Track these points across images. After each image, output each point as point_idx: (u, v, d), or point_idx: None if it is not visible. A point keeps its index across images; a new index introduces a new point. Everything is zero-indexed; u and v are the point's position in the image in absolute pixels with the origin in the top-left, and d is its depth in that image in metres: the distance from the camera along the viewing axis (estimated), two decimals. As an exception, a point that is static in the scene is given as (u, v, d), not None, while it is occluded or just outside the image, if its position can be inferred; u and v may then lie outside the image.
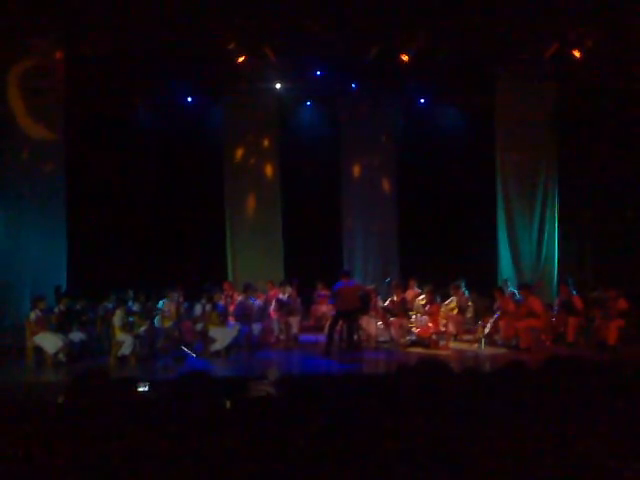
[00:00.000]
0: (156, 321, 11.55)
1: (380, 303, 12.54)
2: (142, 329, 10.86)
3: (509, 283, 13.74)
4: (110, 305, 11.70)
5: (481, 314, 12.07)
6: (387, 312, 12.29)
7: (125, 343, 10.48)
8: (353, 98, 15.75)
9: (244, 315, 12.01)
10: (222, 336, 11.23)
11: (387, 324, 12.22)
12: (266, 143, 15.86)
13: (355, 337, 11.62)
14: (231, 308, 12.24)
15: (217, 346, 11.18)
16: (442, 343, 11.83)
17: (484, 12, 11.82)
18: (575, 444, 3.58)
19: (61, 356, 10.59)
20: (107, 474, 3.32)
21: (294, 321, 12.64)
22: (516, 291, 12.61)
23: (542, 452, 3.48)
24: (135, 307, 11.70)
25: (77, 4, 11.46)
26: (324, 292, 13.53)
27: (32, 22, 12.16)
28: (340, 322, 11.50)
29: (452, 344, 11.94)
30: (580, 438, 3.65)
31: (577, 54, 13.08)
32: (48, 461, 3.43)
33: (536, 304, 11.39)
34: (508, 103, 15.04)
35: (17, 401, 6.67)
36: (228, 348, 11.28)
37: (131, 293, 12.18)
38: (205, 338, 11.34)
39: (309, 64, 14.30)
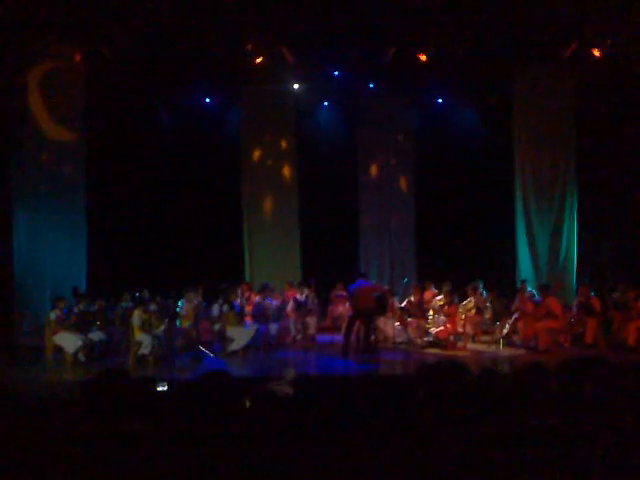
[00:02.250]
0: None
1: (397, 304, 12.50)
2: (161, 329, 10.91)
3: (527, 284, 13.64)
4: (128, 305, 11.78)
5: (499, 315, 12.00)
6: (404, 313, 12.26)
7: (144, 343, 10.53)
8: (370, 98, 15.71)
9: (261, 315, 12.06)
10: (240, 336, 11.28)
11: (404, 325, 12.20)
12: (283, 143, 15.87)
13: (372, 338, 11.61)
14: (248, 308, 12.27)
15: (235, 346, 11.23)
16: (460, 344, 11.77)
17: (502, 10, 11.77)
18: (595, 446, 3.55)
19: (80, 355, 10.70)
20: (124, 474, 3.35)
21: (311, 321, 12.67)
22: (535, 292, 12.52)
23: (562, 455, 3.45)
24: (152, 307, 11.77)
25: (96, 6, 11.55)
26: (342, 293, 13.53)
27: (52, 24, 12.28)
28: (357, 323, 11.51)
29: (470, 345, 11.88)
30: (600, 440, 3.62)
31: (596, 53, 12.98)
32: (66, 459, 3.46)
33: (555, 305, 11.30)
34: (526, 102, 14.93)
35: (36, 399, 6.74)
36: (245, 348, 11.33)
37: (147, 293, 12.24)
38: (223, 338, 11.39)
39: (326, 65, 14.31)
